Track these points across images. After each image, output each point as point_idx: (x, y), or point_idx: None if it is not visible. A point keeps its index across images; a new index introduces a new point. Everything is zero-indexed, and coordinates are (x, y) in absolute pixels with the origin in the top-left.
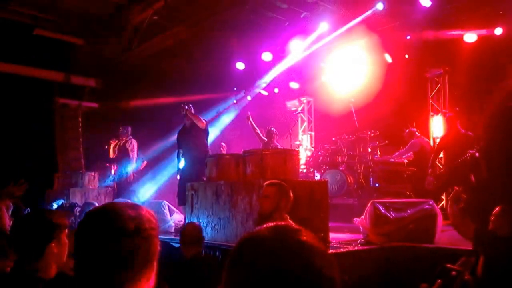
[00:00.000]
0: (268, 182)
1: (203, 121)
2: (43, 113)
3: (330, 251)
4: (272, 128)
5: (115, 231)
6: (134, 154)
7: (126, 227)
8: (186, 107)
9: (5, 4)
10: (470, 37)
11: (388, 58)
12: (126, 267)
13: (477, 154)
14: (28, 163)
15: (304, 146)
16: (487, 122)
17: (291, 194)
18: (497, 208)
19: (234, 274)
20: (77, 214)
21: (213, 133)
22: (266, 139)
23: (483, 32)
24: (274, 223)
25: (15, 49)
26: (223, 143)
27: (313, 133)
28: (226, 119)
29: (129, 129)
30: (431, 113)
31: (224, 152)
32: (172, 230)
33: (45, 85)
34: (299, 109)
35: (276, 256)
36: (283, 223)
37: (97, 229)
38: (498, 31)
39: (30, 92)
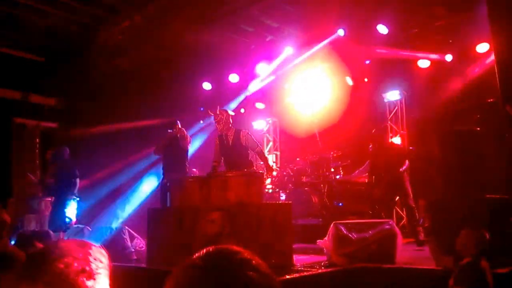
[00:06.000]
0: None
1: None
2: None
3: (294, 275)
4: None
5: (57, 281)
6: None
7: (70, 274)
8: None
9: None
10: (424, 63)
11: (349, 81)
12: None
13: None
14: None
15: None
16: (440, 143)
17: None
18: (463, 230)
19: None
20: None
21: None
22: None
23: (436, 58)
24: (212, 248)
25: None
26: (194, 169)
27: (278, 153)
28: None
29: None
30: (390, 135)
31: None
32: (134, 257)
33: (2, 103)
34: (265, 129)
35: (210, 281)
36: (222, 247)
37: (37, 273)
38: (449, 57)
39: None
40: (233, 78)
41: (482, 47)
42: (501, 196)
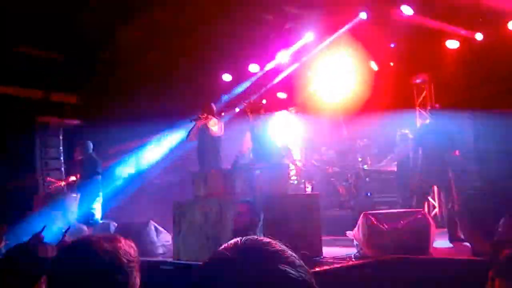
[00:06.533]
0: (240, 199)
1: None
2: (24, 133)
3: (324, 267)
4: None
5: (90, 270)
6: None
7: (101, 264)
8: None
9: None
10: (452, 43)
11: (374, 66)
12: None
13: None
14: (10, 185)
15: (295, 157)
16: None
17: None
18: (503, 218)
19: None
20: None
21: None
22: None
23: (465, 36)
24: (241, 239)
25: None
26: None
27: (302, 144)
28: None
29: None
30: (419, 120)
31: None
32: (160, 251)
33: (26, 103)
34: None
35: (242, 275)
36: (251, 238)
37: (71, 269)
38: (479, 36)
39: (10, 112)
40: (254, 68)
41: None
42: None
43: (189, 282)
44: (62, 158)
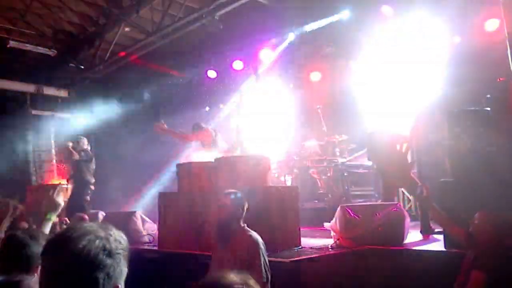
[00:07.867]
0: (224, 192)
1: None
2: (17, 125)
3: (302, 256)
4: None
5: (79, 256)
6: None
7: (92, 250)
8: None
9: None
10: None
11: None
12: None
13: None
14: (2, 176)
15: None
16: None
17: (246, 203)
18: (479, 213)
19: None
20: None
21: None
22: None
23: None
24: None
25: None
26: None
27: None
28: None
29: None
30: None
31: None
32: (146, 240)
33: (19, 96)
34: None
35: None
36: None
37: (61, 255)
38: (456, 38)
39: (3, 104)
40: (237, 65)
41: (492, 24)
42: None
43: None
44: (53, 149)
